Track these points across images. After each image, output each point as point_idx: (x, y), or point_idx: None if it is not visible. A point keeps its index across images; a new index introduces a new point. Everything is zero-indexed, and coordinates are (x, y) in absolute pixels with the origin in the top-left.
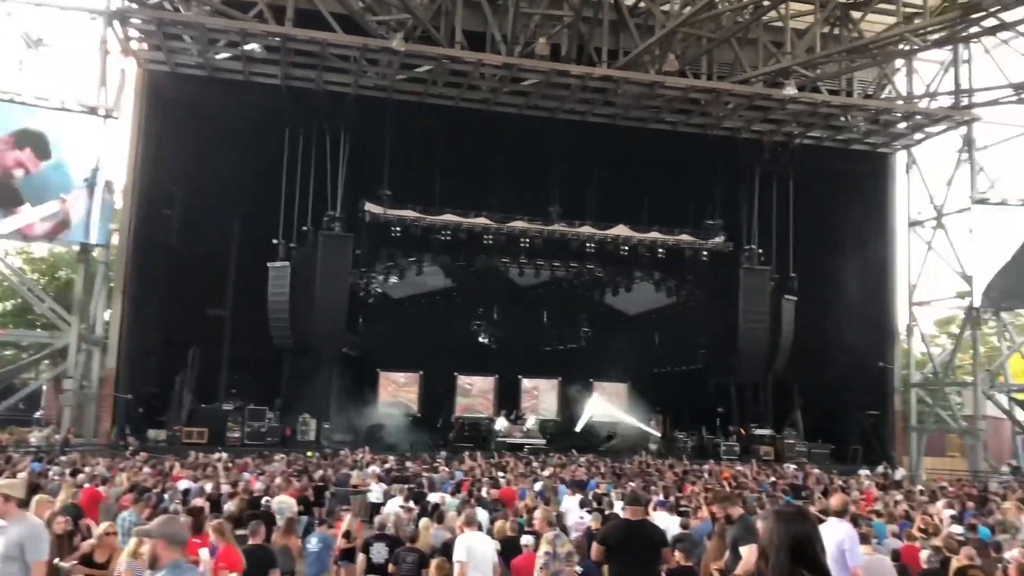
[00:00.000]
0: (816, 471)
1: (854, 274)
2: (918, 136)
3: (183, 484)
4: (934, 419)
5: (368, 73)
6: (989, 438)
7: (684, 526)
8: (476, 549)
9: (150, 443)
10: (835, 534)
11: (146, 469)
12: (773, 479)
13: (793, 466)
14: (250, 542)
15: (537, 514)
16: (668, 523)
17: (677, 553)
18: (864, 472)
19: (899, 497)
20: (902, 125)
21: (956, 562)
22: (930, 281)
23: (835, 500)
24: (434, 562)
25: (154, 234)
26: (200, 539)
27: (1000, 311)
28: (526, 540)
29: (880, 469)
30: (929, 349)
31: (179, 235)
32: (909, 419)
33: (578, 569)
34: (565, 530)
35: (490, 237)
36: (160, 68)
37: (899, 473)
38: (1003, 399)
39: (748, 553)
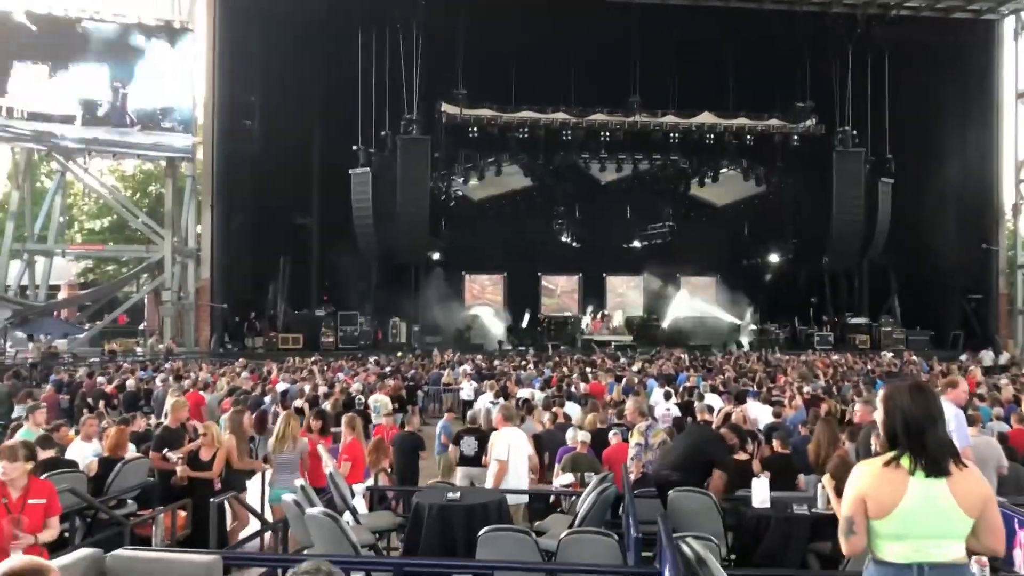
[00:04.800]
0: (915, 358)
1: (956, 152)
2: None
3: (281, 386)
4: None
5: None
6: None
7: (777, 415)
8: (515, 445)
9: (248, 350)
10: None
11: (244, 374)
12: (870, 367)
13: (890, 354)
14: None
15: (629, 404)
16: (760, 413)
17: (775, 441)
18: (965, 356)
19: (1004, 381)
20: None
21: None
22: None
23: (945, 379)
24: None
25: (237, 145)
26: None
27: None
28: (615, 431)
29: (984, 353)
30: None
31: (261, 145)
32: (1015, 302)
33: None
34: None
35: (569, 132)
36: None
37: (1004, 357)
38: None
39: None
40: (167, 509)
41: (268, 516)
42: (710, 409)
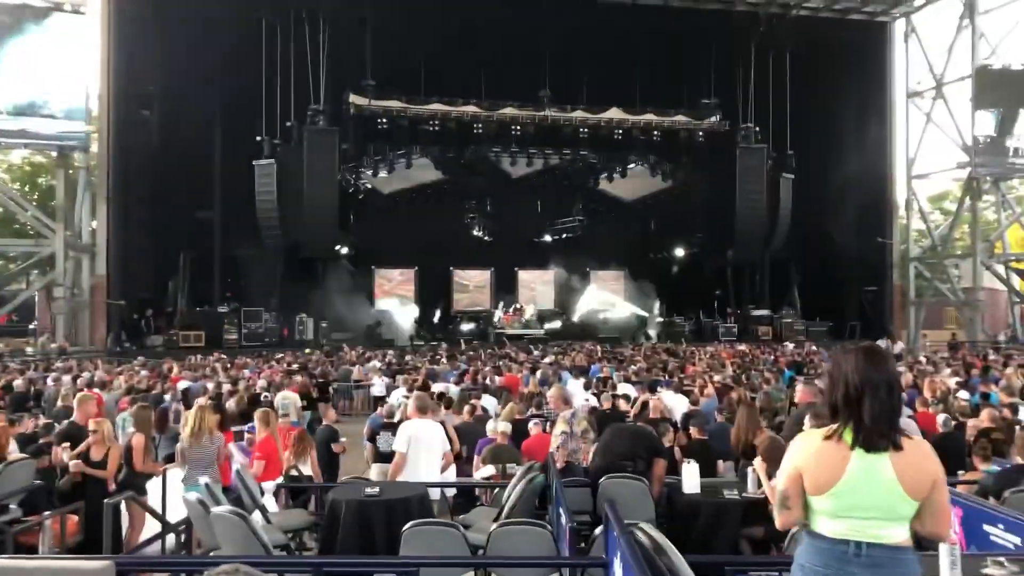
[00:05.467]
0: (813, 348)
1: (852, 149)
2: (918, 2)
3: (183, 384)
4: (932, 292)
5: None
6: (986, 309)
7: (694, 403)
8: (421, 436)
9: (147, 348)
10: None
11: (143, 372)
12: (774, 356)
13: (791, 345)
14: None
15: (552, 392)
16: (675, 402)
17: (692, 428)
18: None
19: (902, 368)
20: None
21: (973, 425)
22: (928, 154)
23: None
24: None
25: (134, 136)
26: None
27: (999, 181)
28: (535, 422)
29: (880, 343)
30: (927, 222)
31: (160, 136)
32: (908, 293)
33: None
34: None
35: (480, 126)
36: None
37: (898, 347)
38: (1000, 269)
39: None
40: (55, 514)
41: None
42: (626, 398)
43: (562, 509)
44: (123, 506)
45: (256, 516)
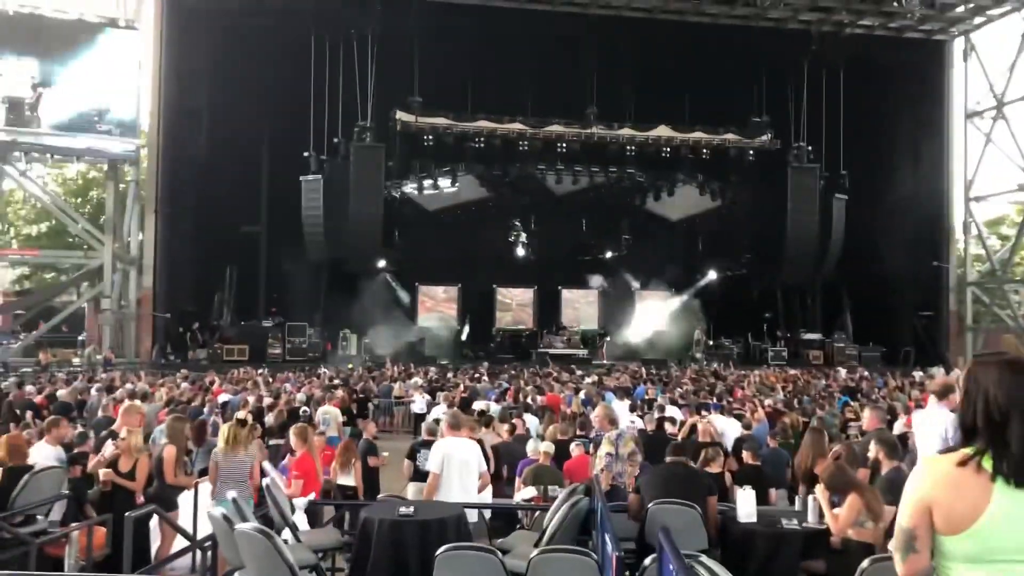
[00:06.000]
0: (865, 373)
1: (908, 170)
2: (978, 20)
3: (223, 397)
4: (991, 318)
5: None
6: None
7: (746, 427)
8: (454, 456)
9: (191, 361)
10: (938, 420)
11: (184, 384)
12: (825, 382)
13: (844, 370)
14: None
15: (598, 412)
16: (726, 426)
17: (746, 453)
18: (919, 374)
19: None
20: (960, 8)
21: None
22: (988, 175)
23: (936, 382)
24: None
25: (183, 150)
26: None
27: None
28: (578, 442)
29: (935, 370)
30: (986, 246)
31: (209, 150)
32: (964, 319)
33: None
34: None
35: (525, 143)
36: None
37: (954, 375)
38: None
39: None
40: (83, 526)
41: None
42: (672, 421)
43: (608, 536)
44: (155, 520)
45: (285, 534)
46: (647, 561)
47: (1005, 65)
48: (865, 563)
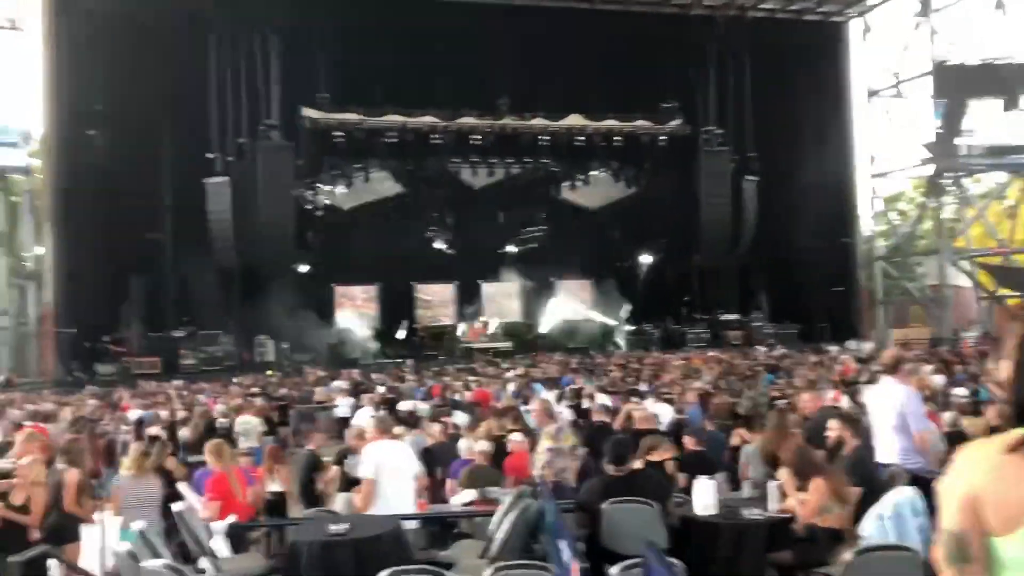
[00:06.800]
0: (785, 351)
1: (814, 150)
2: (872, 1)
3: (134, 414)
4: (899, 291)
5: None
6: (953, 305)
7: (679, 411)
8: (385, 463)
9: (99, 377)
10: (893, 395)
11: (91, 401)
12: (748, 362)
13: (763, 348)
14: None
15: (535, 406)
16: (659, 411)
17: (687, 439)
18: (834, 348)
19: (878, 368)
20: None
21: (974, 424)
22: (891, 153)
23: (886, 356)
24: None
25: (79, 157)
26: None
27: (961, 177)
28: (516, 437)
29: (851, 343)
30: (890, 221)
31: (107, 156)
32: (875, 293)
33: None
34: None
35: (438, 136)
36: None
37: (866, 347)
38: (966, 265)
39: None
40: None
41: None
42: (606, 409)
43: (565, 544)
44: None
45: (203, 564)
46: (614, 571)
47: (900, 45)
48: (848, 555)
